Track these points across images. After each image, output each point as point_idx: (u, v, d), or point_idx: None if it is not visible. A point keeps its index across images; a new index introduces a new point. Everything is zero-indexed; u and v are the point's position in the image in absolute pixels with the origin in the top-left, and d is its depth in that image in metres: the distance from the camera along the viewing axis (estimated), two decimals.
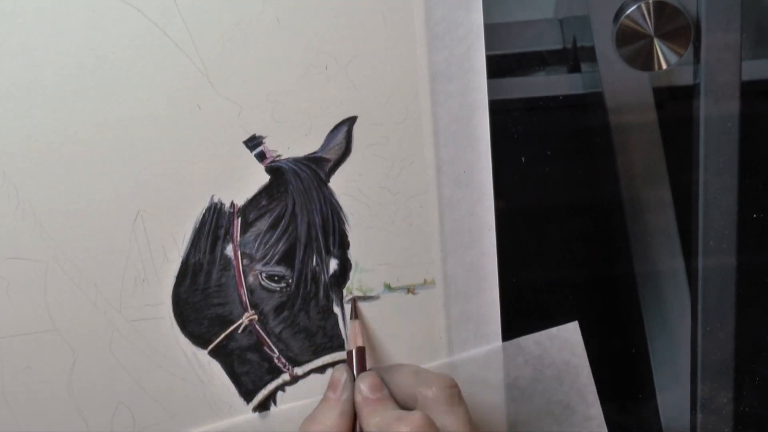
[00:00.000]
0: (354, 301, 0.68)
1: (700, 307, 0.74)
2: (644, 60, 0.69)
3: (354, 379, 0.66)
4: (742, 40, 0.68)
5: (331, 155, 0.66)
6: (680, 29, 0.68)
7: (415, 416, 0.62)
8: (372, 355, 0.69)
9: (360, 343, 0.67)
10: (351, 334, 0.68)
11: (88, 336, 0.67)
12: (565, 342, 0.71)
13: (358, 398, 0.65)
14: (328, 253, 0.68)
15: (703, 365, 0.74)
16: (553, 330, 0.71)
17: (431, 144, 0.66)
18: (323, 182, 0.67)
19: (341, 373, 0.67)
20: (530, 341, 0.71)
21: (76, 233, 0.65)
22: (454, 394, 0.65)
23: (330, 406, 0.66)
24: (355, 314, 0.68)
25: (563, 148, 0.77)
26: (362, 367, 0.67)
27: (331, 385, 0.67)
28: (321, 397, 0.70)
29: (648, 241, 0.77)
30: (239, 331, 0.69)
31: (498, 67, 0.74)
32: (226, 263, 0.67)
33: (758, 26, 0.77)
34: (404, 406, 0.65)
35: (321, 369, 0.70)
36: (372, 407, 0.65)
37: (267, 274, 0.68)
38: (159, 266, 0.67)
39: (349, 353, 0.68)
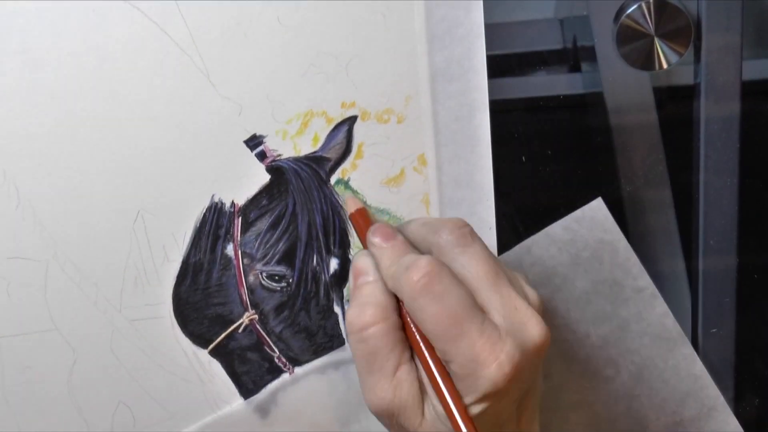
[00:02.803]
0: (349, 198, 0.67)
1: (700, 308, 0.74)
2: (645, 60, 0.69)
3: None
4: (742, 39, 0.68)
5: (332, 155, 0.66)
6: (681, 29, 0.68)
7: (421, 262, 0.59)
8: None
9: (359, 205, 0.65)
10: (347, 201, 0.66)
11: (88, 335, 0.67)
12: (593, 221, 0.69)
13: (373, 250, 0.63)
14: (329, 252, 0.68)
15: (703, 365, 0.74)
16: (578, 212, 0.69)
17: (432, 144, 0.66)
18: (324, 182, 0.67)
19: (367, 257, 0.63)
20: (558, 228, 0.69)
21: (76, 233, 0.65)
22: (465, 234, 0.61)
23: (372, 288, 0.62)
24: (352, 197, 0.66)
25: (563, 148, 0.77)
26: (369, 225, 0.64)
27: (362, 271, 0.63)
28: (319, 399, 0.70)
29: (648, 242, 0.77)
30: (240, 330, 0.69)
31: (498, 66, 0.74)
32: (227, 263, 0.67)
33: (759, 26, 0.77)
34: None
35: (321, 369, 0.70)
36: (387, 256, 0.62)
37: (267, 273, 0.68)
38: (159, 266, 0.67)
39: (352, 216, 0.65)
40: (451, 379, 0.60)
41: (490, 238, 0.68)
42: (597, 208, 0.69)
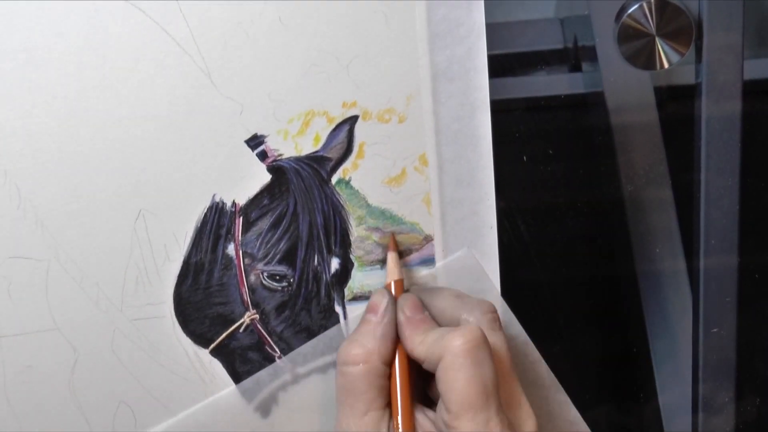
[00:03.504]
0: (392, 234, 0.67)
1: (701, 307, 0.74)
2: (646, 59, 0.69)
3: (395, 303, 0.65)
4: (743, 39, 0.68)
5: (333, 154, 0.66)
6: (682, 28, 0.68)
7: (471, 328, 0.61)
8: None
9: (397, 276, 0.66)
10: (389, 265, 0.67)
11: (89, 335, 0.67)
12: (462, 270, 0.70)
13: (401, 318, 0.64)
14: (330, 252, 0.68)
15: (704, 365, 0.74)
16: (447, 261, 0.69)
17: (433, 143, 0.66)
18: (325, 181, 0.67)
19: (382, 296, 0.65)
20: (428, 278, 0.69)
21: (77, 232, 0.65)
22: (495, 319, 0.64)
23: (371, 329, 0.64)
24: (394, 246, 0.67)
25: (565, 148, 0.77)
26: (401, 293, 0.66)
27: (371, 308, 0.65)
28: (320, 398, 0.70)
29: (649, 241, 0.77)
30: (241, 330, 0.69)
31: (499, 66, 0.74)
32: (228, 262, 0.67)
33: (760, 26, 0.77)
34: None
35: (322, 369, 0.70)
36: (416, 326, 0.64)
37: (268, 273, 0.68)
38: (160, 265, 0.67)
39: (388, 285, 0.67)
40: None
41: (492, 238, 0.68)
42: (465, 257, 0.69)
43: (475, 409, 0.60)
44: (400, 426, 0.63)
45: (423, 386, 0.66)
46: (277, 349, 0.69)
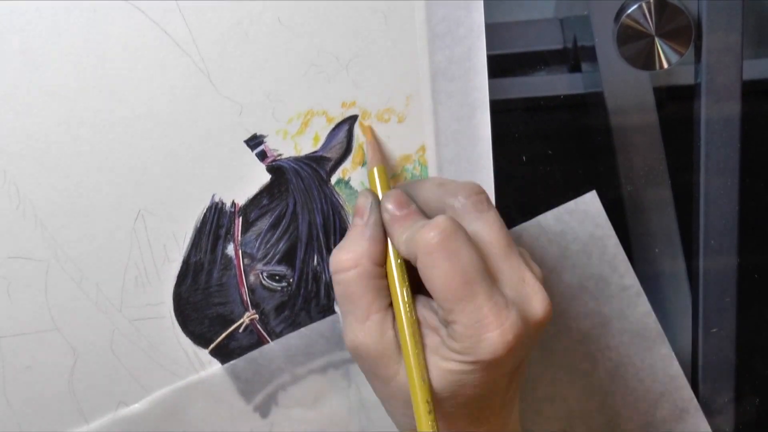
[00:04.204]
0: (369, 126, 0.66)
1: (701, 308, 0.74)
2: (645, 59, 0.69)
3: (379, 201, 0.63)
4: (743, 39, 0.68)
5: (332, 154, 0.66)
6: (681, 29, 0.68)
7: (439, 220, 0.59)
8: None
9: (379, 162, 0.65)
10: (369, 154, 0.65)
11: (89, 335, 0.67)
12: (585, 214, 0.69)
13: (386, 217, 0.62)
14: (330, 252, 0.68)
15: (704, 366, 0.74)
16: (571, 204, 0.68)
17: (432, 143, 0.66)
18: (324, 181, 0.67)
19: (366, 198, 0.63)
20: (550, 218, 0.68)
21: (77, 232, 0.65)
22: (482, 200, 0.62)
23: (358, 232, 0.62)
24: (371, 135, 0.66)
25: (564, 148, 0.77)
26: (386, 187, 0.64)
27: (357, 211, 0.63)
28: (319, 398, 0.70)
29: (649, 242, 0.77)
30: (240, 330, 0.69)
31: (499, 66, 0.74)
32: (227, 263, 0.67)
33: (759, 26, 0.77)
34: None
35: (322, 369, 0.70)
36: (400, 223, 0.62)
37: (268, 273, 0.68)
38: (160, 266, 0.67)
39: (371, 173, 0.65)
40: (420, 342, 0.60)
41: None
42: (590, 201, 0.69)
43: (462, 300, 0.58)
44: (405, 326, 0.61)
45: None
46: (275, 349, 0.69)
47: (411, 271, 0.62)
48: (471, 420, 0.61)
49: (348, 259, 0.62)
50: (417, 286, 0.62)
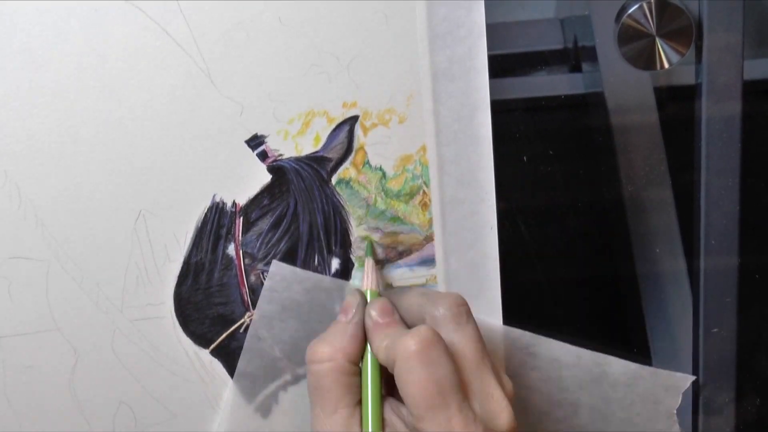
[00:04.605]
0: (371, 241, 0.67)
1: (701, 307, 0.74)
2: (646, 60, 0.69)
3: (365, 303, 0.65)
4: (744, 39, 0.68)
5: (333, 154, 0.66)
6: (682, 29, 0.68)
7: (420, 329, 0.61)
8: None
9: (371, 286, 0.66)
10: (366, 272, 0.67)
11: (89, 335, 0.67)
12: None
13: (368, 323, 0.64)
14: (330, 252, 0.68)
15: (704, 365, 0.74)
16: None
17: (433, 143, 0.66)
18: (325, 181, 0.67)
19: (354, 297, 0.65)
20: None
21: (77, 232, 0.65)
22: (462, 312, 0.63)
23: (340, 328, 0.64)
24: (372, 254, 0.67)
25: (565, 148, 0.77)
26: (375, 289, 0.66)
27: (344, 309, 0.65)
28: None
29: (649, 242, 0.77)
30: (241, 330, 0.69)
31: (500, 66, 0.74)
32: (228, 263, 0.67)
33: (760, 26, 0.77)
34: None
35: None
36: (381, 331, 0.64)
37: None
38: (161, 266, 0.67)
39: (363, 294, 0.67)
40: None
41: (492, 238, 0.68)
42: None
43: (433, 409, 0.60)
44: (370, 424, 0.63)
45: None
46: (276, 350, 0.69)
47: (383, 377, 0.64)
48: None
49: (324, 352, 0.64)
50: (387, 391, 0.64)
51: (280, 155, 0.66)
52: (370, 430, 0.62)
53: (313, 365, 0.63)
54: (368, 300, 0.66)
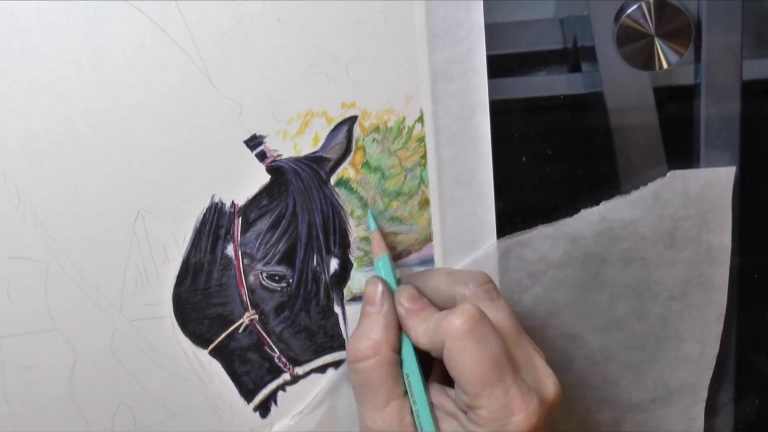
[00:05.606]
0: (370, 213, 0.67)
1: None
2: (645, 60, 0.69)
3: (389, 289, 0.65)
4: (742, 39, 0.68)
5: (332, 155, 0.66)
6: (681, 29, 0.68)
7: (464, 308, 0.61)
8: None
9: (384, 251, 0.66)
10: (373, 243, 0.67)
11: (88, 336, 0.67)
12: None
13: (400, 311, 0.64)
14: (329, 252, 0.68)
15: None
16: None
17: (432, 143, 0.66)
18: (324, 182, 0.67)
19: (375, 285, 0.65)
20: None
21: (76, 233, 0.65)
22: (491, 288, 0.64)
23: (373, 320, 0.64)
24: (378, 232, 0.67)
25: (564, 148, 0.77)
26: (392, 277, 0.66)
27: (368, 300, 0.65)
28: (320, 398, 0.70)
29: None
30: (240, 330, 0.69)
31: (498, 66, 0.74)
32: (227, 263, 0.67)
33: (759, 26, 0.77)
34: (443, 309, 0.64)
35: (322, 368, 0.70)
36: (417, 316, 0.64)
37: (268, 273, 0.68)
38: (160, 266, 0.67)
39: (377, 263, 0.67)
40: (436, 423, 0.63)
41: (491, 238, 0.68)
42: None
43: (490, 385, 0.60)
44: (428, 412, 0.63)
45: (440, 365, 0.64)
46: (276, 350, 0.69)
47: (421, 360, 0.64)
48: None
49: (367, 348, 0.63)
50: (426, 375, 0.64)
51: (279, 155, 0.66)
52: (428, 417, 0.62)
53: (359, 363, 0.63)
54: (388, 286, 0.65)
